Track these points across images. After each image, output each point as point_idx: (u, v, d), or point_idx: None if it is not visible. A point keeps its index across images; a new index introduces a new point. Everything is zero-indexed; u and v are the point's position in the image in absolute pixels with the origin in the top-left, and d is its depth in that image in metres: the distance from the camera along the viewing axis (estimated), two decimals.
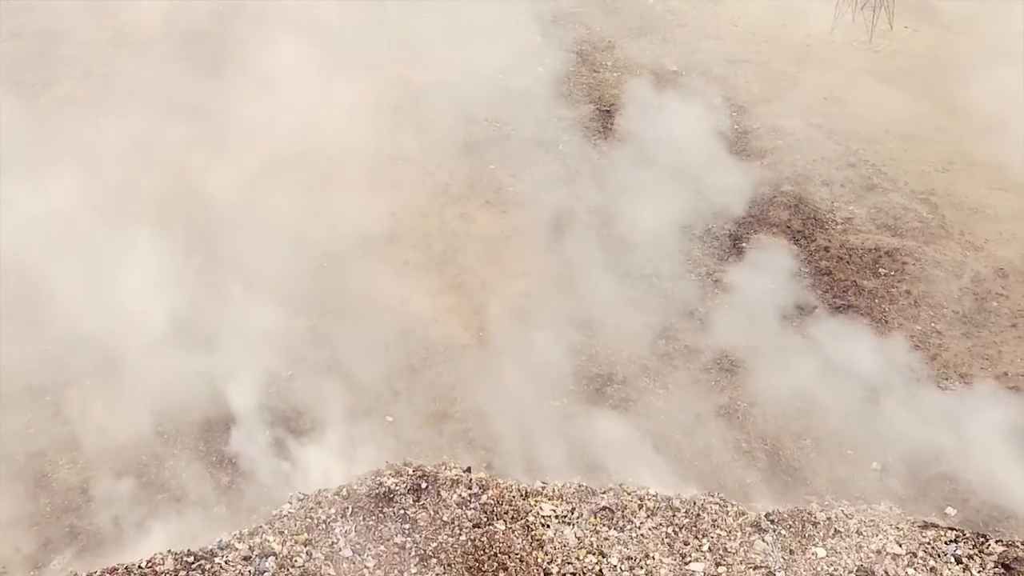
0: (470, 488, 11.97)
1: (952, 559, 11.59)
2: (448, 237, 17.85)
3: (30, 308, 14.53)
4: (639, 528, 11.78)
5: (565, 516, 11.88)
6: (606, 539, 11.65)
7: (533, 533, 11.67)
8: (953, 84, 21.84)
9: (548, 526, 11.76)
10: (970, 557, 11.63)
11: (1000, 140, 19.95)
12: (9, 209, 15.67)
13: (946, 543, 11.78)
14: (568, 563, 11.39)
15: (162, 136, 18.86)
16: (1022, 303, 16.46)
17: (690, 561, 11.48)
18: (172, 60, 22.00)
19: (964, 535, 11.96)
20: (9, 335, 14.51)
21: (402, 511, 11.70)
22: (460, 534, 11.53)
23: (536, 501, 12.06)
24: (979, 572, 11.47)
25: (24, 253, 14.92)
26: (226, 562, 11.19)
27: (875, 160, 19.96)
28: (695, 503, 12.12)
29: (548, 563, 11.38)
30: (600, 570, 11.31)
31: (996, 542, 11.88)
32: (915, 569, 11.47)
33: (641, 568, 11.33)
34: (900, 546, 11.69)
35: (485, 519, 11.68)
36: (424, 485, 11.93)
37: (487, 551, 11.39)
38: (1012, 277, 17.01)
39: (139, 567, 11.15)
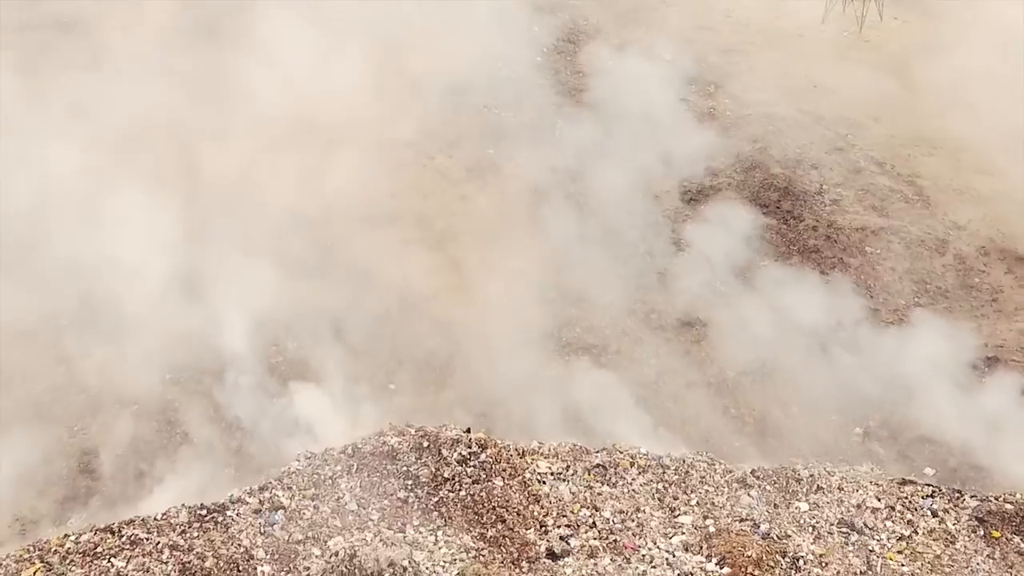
0: (470, 447, 12.53)
1: (929, 512, 12.18)
2: (448, 218, 18.40)
3: (44, 279, 15.07)
4: (631, 484, 12.37)
5: (560, 473, 12.47)
6: (599, 494, 12.23)
7: (529, 489, 12.25)
8: (940, 73, 22.39)
9: (544, 482, 12.34)
10: (945, 511, 12.22)
11: (985, 126, 20.50)
12: (24, 187, 16.26)
13: (923, 498, 12.37)
14: (563, 516, 11.97)
15: (166, 120, 19.33)
16: (1002, 279, 17.09)
17: (679, 514, 12.06)
18: (178, 50, 22.46)
19: (940, 491, 12.56)
20: (25, 308, 15.07)
21: (405, 468, 12.26)
22: (460, 489, 12.09)
23: (532, 459, 12.64)
24: (954, 524, 12.06)
25: (35, 223, 15.50)
26: (237, 515, 11.75)
27: (863, 145, 20.59)
28: (684, 461, 12.71)
29: (544, 516, 11.96)
30: (593, 522, 11.89)
31: (971, 497, 12.47)
32: (893, 522, 12.06)
33: (632, 520, 11.92)
34: (879, 500, 12.28)
35: (484, 476, 12.24)
36: (426, 444, 12.50)
37: (486, 505, 11.96)
38: (993, 255, 17.62)
39: (155, 519, 11.69)
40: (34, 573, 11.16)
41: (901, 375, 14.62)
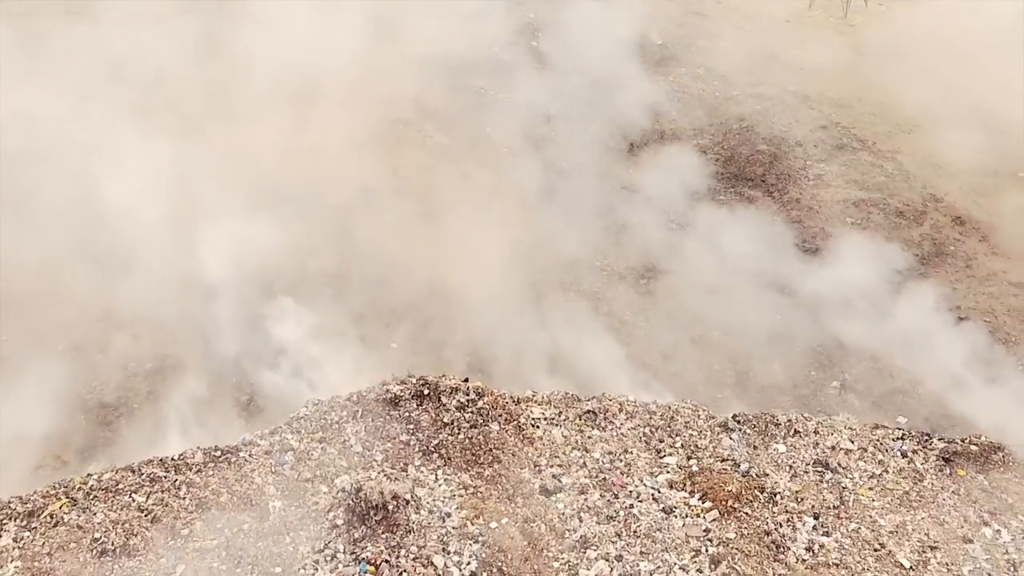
0: (468, 395, 13.30)
1: (899, 453, 12.96)
2: (447, 191, 19.14)
3: (68, 242, 15.87)
4: (619, 428, 13.15)
5: (553, 418, 13.25)
6: (589, 437, 13.01)
7: (524, 432, 13.02)
8: (921, 56, 23.30)
9: (538, 427, 13.12)
10: (914, 452, 13.01)
11: (962, 105, 21.40)
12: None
13: (893, 440, 13.16)
14: (555, 456, 12.75)
15: (173, 102, 20.12)
16: (975, 247, 17.90)
17: (664, 455, 12.84)
18: (185, 37, 23.20)
19: (910, 434, 13.35)
20: (42, 273, 15.87)
21: (407, 414, 13.04)
22: (459, 433, 12.87)
23: (527, 406, 13.42)
24: (922, 464, 12.85)
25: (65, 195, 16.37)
26: (250, 455, 12.52)
27: (846, 123, 21.43)
28: (670, 408, 13.50)
29: (538, 457, 12.74)
30: (584, 462, 12.67)
31: (938, 439, 13.25)
32: (865, 462, 12.85)
33: (621, 460, 12.70)
34: (852, 443, 13.07)
35: (481, 421, 13.02)
36: (426, 392, 13.27)
37: (483, 447, 12.74)
38: (968, 225, 18.44)
39: (172, 459, 12.46)
40: (60, 507, 11.93)
41: (876, 334, 15.41)
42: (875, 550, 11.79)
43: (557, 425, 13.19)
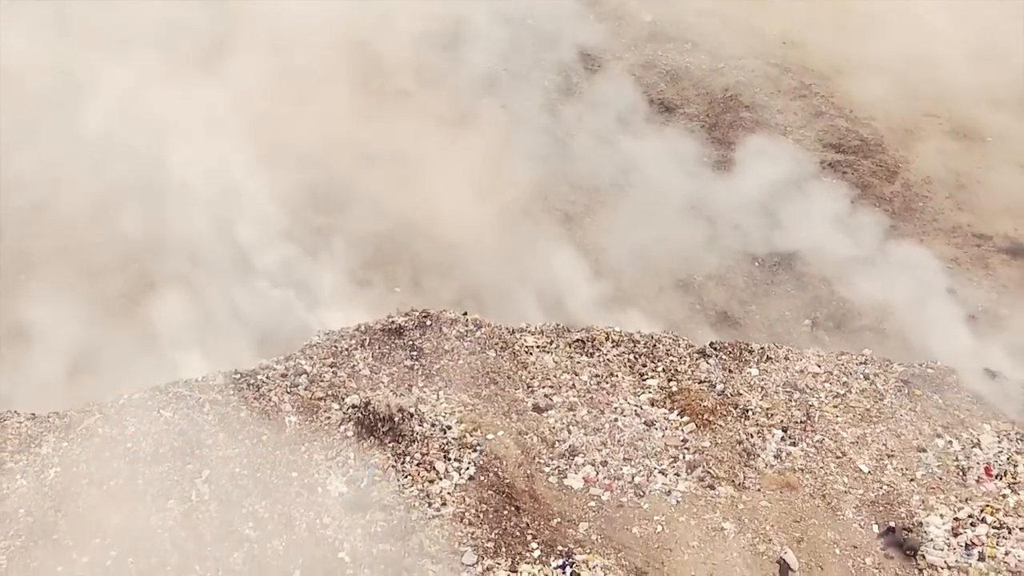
0: (467, 326, 14.47)
1: (862, 376, 14.13)
2: (447, 156, 20.25)
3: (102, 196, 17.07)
4: (606, 355, 14.30)
5: (544, 346, 14.40)
6: (578, 363, 14.17)
7: (518, 358, 14.18)
8: (901, 32, 24.39)
9: (531, 353, 14.27)
10: (876, 375, 14.17)
11: (938, 78, 22.52)
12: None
13: (857, 364, 14.33)
14: (547, 379, 13.90)
15: (186, 83, 21.22)
16: (943, 204, 19.09)
17: (647, 378, 14.00)
18: (199, 13, 24.26)
19: (872, 359, 14.53)
20: (71, 223, 17.05)
21: (410, 342, 14.19)
22: (459, 359, 14.02)
23: (521, 335, 14.58)
24: (883, 385, 14.01)
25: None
26: (267, 378, 13.66)
27: (825, 92, 22.55)
28: (652, 337, 14.67)
29: (531, 379, 13.90)
30: (573, 384, 13.83)
31: (898, 364, 14.43)
32: (831, 383, 14.01)
33: (607, 383, 13.85)
34: (819, 367, 14.23)
35: (479, 349, 14.18)
36: (429, 323, 14.44)
37: (480, 371, 13.90)
38: (936, 184, 19.63)
39: (196, 381, 13.61)
40: (95, 421, 13.07)
41: (847, 279, 16.56)
42: (837, 457, 12.94)
43: (549, 352, 14.34)
